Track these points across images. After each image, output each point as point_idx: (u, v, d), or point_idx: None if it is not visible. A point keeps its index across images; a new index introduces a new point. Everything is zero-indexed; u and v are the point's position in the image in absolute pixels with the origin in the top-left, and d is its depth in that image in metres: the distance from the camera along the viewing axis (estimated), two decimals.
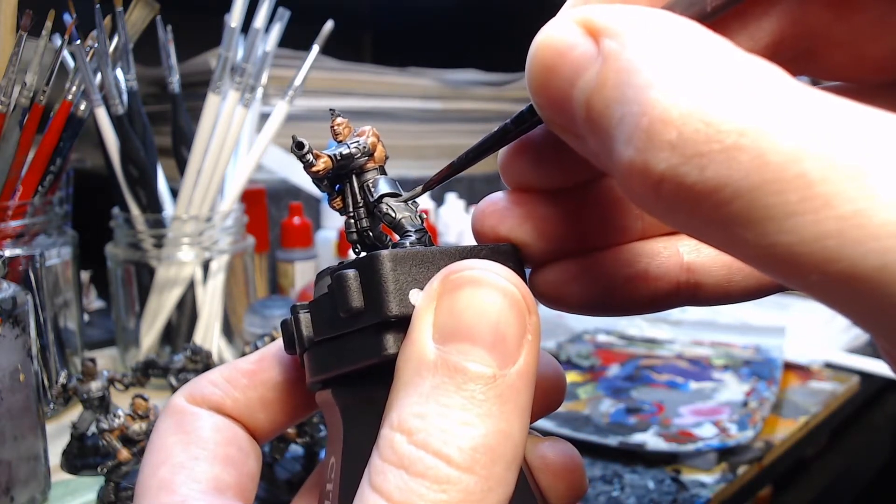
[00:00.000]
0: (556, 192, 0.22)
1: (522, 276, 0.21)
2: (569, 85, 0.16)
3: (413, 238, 0.22)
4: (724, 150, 0.13)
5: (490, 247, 0.21)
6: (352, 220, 0.23)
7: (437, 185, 0.23)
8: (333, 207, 0.24)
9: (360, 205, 0.23)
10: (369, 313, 0.19)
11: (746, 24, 0.18)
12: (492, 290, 0.18)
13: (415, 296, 0.19)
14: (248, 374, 0.24)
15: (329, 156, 0.23)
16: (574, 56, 0.16)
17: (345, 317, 0.20)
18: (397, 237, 0.23)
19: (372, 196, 0.23)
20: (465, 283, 0.18)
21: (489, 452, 0.17)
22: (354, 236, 0.24)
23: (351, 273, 0.20)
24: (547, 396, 0.24)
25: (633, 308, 0.23)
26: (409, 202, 0.23)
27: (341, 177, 0.23)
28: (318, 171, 0.22)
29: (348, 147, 0.23)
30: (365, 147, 0.23)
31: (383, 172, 0.24)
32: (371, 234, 0.23)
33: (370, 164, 0.23)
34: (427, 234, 0.22)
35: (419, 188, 0.23)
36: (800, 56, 0.19)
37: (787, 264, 0.13)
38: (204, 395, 0.23)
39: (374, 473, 0.17)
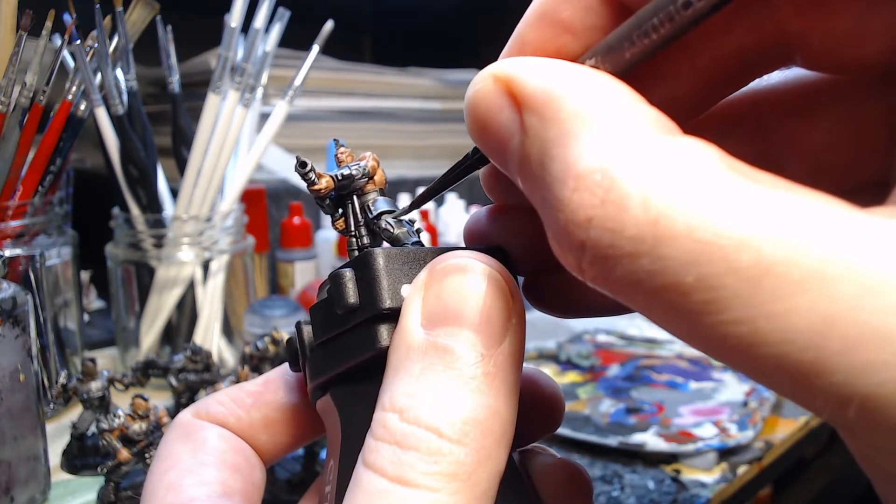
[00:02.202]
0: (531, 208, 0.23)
1: (511, 273, 0.21)
2: (501, 145, 0.17)
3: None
4: (628, 254, 0.13)
5: (481, 248, 0.21)
6: (354, 239, 0.24)
7: (418, 207, 0.24)
8: (336, 228, 0.25)
9: (361, 223, 0.24)
10: (364, 308, 0.20)
11: (712, 35, 0.18)
12: (476, 275, 0.18)
13: (406, 290, 0.20)
14: (253, 395, 0.24)
15: (331, 176, 0.24)
16: (500, 121, 0.16)
17: (341, 313, 0.21)
18: None
19: (371, 214, 0.24)
20: (451, 270, 0.18)
21: (479, 426, 0.17)
22: (357, 254, 0.24)
23: (347, 271, 0.21)
24: (545, 417, 0.25)
25: (623, 310, 0.23)
26: (406, 220, 0.24)
27: (343, 198, 0.24)
28: (320, 189, 0.23)
29: (349, 168, 0.24)
30: (365, 169, 0.24)
31: (383, 194, 0.25)
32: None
33: (370, 187, 0.24)
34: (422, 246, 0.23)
35: (406, 207, 0.24)
36: (774, 58, 0.19)
37: (740, 354, 0.13)
38: (210, 412, 0.24)
39: (368, 452, 0.17)
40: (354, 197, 0.24)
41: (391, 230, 0.23)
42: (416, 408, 0.17)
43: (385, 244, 0.24)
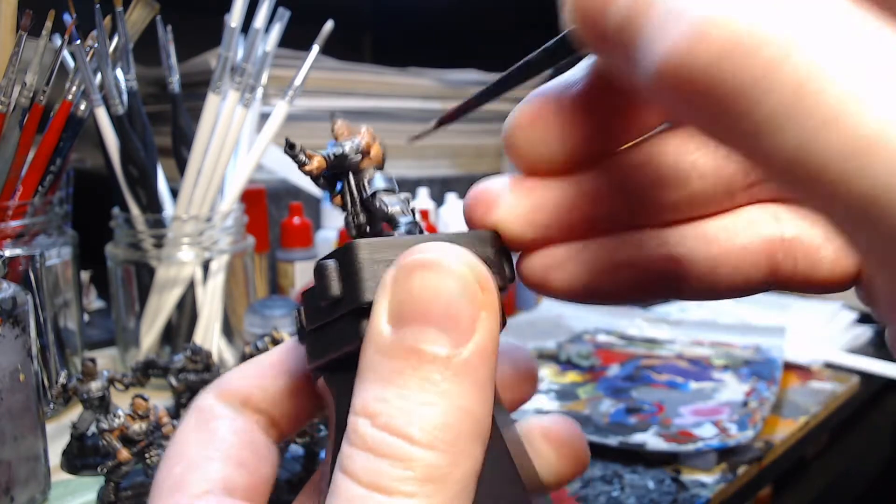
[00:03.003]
0: (554, 178, 0.22)
1: (507, 260, 0.21)
2: None
3: (402, 231, 0.22)
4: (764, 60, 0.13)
5: (467, 233, 0.21)
6: (350, 218, 0.24)
7: (454, 120, 0.24)
8: (335, 205, 0.24)
9: (357, 201, 0.24)
10: (347, 301, 0.20)
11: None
12: (441, 271, 0.18)
13: None
14: (274, 364, 0.24)
15: (322, 156, 0.23)
16: None
17: (325, 305, 0.21)
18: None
19: (367, 193, 0.23)
20: (416, 266, 0.18)
21: (450, 429, 0.17)
22: (353, 232, 0.24)
23: (330, 263, 0.20)
24: (515, 388, 0.25)
25: (618, 296, 0.23)
26: (402, 198, 0.24)
27: (339, 175, 0.24)
28: (311, 170, 0.23)
29: (342, 147, 0.24)
30: (359, 147, 0.24)
31: (381, 171, 0.24)
32: (370, 228, 0.24)
33: (367, 163, 0.24)
34: (418, 226, 0.23)
35: (432, 123, 0.24)
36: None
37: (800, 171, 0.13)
38: (232, 388, 0.24)
39: (343, 458, 0.18)
40: (350, 174, 0.24)
41: (386, 209, 0.23)
42: (386, 413, 0.17)
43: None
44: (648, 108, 0.21)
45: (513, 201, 0.22)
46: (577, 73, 0.21)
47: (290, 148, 0.23)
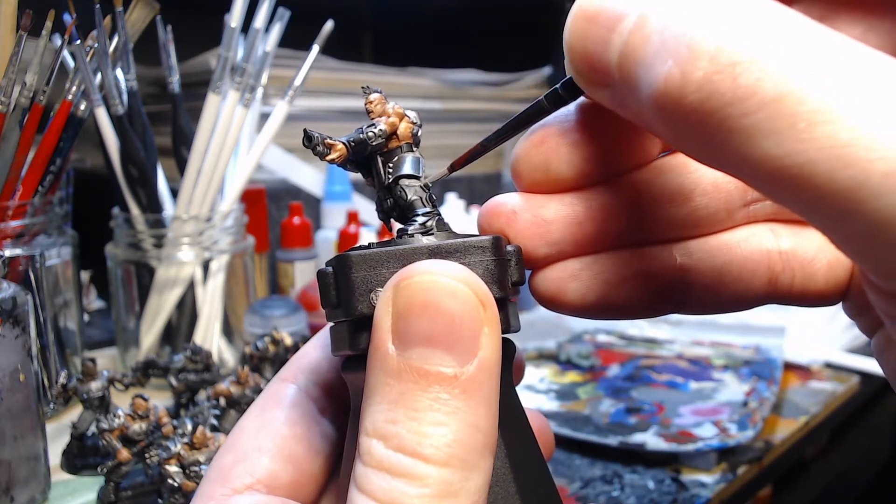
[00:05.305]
0: (564, 194, 0.23)
1: (504, 266, 0.21)
2: (608, 31, 0.17)
3: (417, 223, 0.22)
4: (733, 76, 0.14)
5: (467, 241, 0.21)
6: (379, 202, 0.24)
7: (464, 166, 0.24)
8: (369, 185, 0.24)
9: (385, 184, 0.23)
10: (343, 310, 0.20)
11: None
12: (442, 292, 0.18)
13: (377, 296, 0.20)
14: None
15: (343, 143, 0.23)
16: (612, 7, 0.17)
17: (326, 311, 0.21)
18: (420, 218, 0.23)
19: (390, 178, 0.23)
20: (416, 288, 0.18)
21: (462, 446, 0.18)
22: (382, 215, 0.24)
23: (329, 272, 0.21)
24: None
25: (628, 309, 0.23)
26: (422, 184, 0.23)
27: (368, 158, 0.24)
28: (333, 160, 0.23)
29: (363, 133, 0.23)
30: (382, 132, 0.23)
31: (411, 149, 0.24)
32: (396, 214, 0.24)
33: (394, 144, 0.24)
34: (437, 217, 0.23)
35: (445, 169, 0.23)
36: None
37: (787, 178, 0.14)
38: (301, 364, 0.25)
39: (359, 477, 0.18)
40: (378, 157, 0.23)
41: (405, 197, 0.23)
42: (399, 436, 0.18)
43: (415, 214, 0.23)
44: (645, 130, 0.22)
45: (525, 218, 0.22)
46: (577, 103, 0.22)
47: (307, 140, 0.22)
